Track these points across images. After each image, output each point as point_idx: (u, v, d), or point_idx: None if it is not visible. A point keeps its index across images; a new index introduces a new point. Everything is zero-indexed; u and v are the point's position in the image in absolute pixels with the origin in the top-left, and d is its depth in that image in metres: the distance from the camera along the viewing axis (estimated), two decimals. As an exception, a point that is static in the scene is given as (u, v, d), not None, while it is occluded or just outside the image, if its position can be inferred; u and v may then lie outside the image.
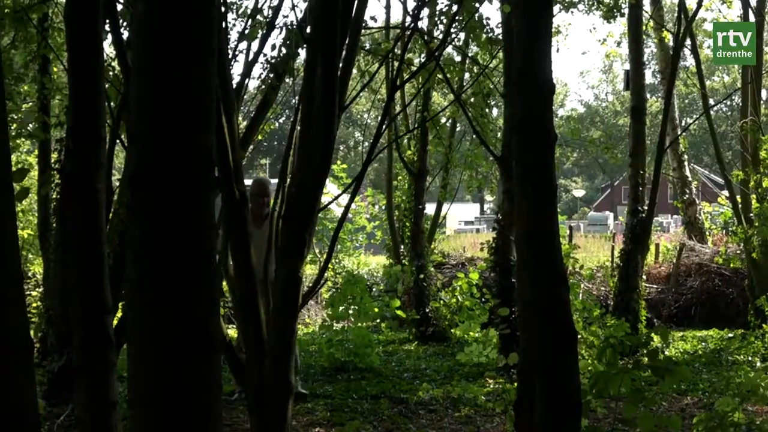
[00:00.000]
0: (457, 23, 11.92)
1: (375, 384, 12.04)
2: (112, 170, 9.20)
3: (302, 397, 10.80)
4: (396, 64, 13.29)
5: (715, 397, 10.65)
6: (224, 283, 8.20)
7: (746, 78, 18.90)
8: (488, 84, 14.57)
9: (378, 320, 16.39)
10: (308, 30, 7.22)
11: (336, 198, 10.71)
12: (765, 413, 10.02)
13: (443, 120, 19.21)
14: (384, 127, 8.81)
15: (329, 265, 10.23)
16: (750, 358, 14.03)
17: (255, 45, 9.71)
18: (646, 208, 15.80)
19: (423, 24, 15.25)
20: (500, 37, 12.51)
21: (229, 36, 9.26)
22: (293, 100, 9.44)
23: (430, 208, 20.09)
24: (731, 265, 19.40)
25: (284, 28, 9.01)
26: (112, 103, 8.87)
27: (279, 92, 10.00)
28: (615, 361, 6.98)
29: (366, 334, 13.63)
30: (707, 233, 25.05)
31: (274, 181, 8.25)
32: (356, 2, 6.83)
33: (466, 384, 11.62)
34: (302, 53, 8.58)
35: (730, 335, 16.74)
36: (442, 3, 13.44)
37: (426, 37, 12.55)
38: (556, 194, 5.39)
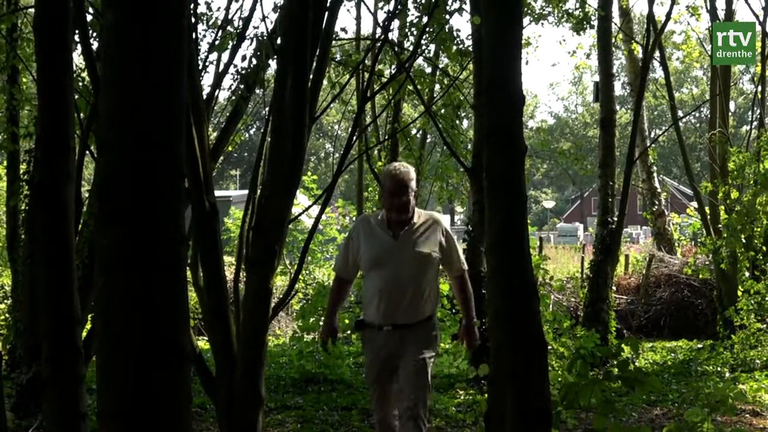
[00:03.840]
0: (427, 35, 11.96)
1: (346, 395, 12.01)
2: (81, 181, 9.17)
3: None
4: (366, 75, 13.30)
5: (684, 408, 10.69)
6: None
7: (715, 90, 19.04)
8: (458, 95, 14.60)
9: (349, 332, 16.36)
10: (279, 41, 7.22)
11: (307, 209, 10.73)
12: (734, 423, 10.06)
13: (414, 131, 19.23)
14: (354, 138, 8.79)
15: (300, 277, 10.21)
16: (719, 369, 14.10)
17: (225, 56, 9.69)
18: (615, 219, 15.86)
19: (393, 35, 15.30)
20: (470, 48, 12.55)
21: (199, 47, 9.24)
22: (264, 111, 9.44)
23: (401, 220, 20.03)
24: (700, 276, 19.53)
25: (255, 39, 8.99)
26: (81, 114, 8.83)
27: (249, 103, 9.97)
28: (585, 372, 7.00)
29: (337, 346, 13.60)
30: (676, 244, 25.23)
31: (244, 192, 8.24)
32: (327, 14, 6.84)
33: (436, 395, 11.61)
34: (273, 64, 8.57)
35: (699, 346, 16.83)
36: (413, 15, 13.52)
37: (396, 49, 12.56)
38: (526, 205, 5.40)
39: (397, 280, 6.67)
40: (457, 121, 15.43)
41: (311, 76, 6.58)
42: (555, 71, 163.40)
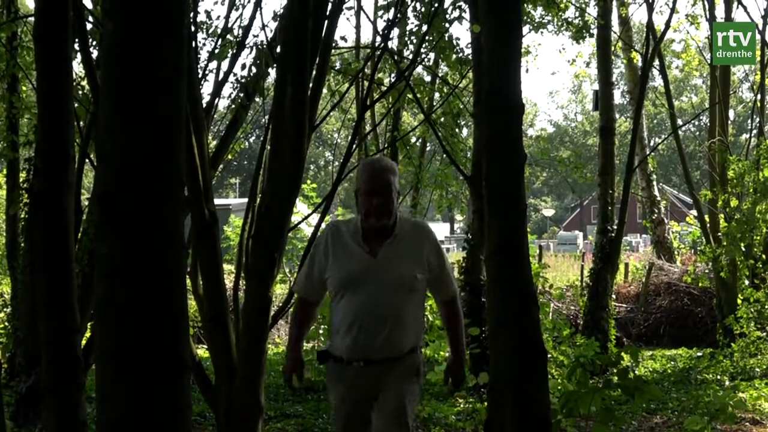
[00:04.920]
0: (427, 43, 11.95)
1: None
2: (81, 189, 9.17)
3: None
4: (366, 83, 13.31)
5: (684, 416, 10.69)
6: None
7: (714, 98, 19.04)
8: (458, 104, 14.60)
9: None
10: (278, 50, 7.22)
11: (306, 217, 10.71)
12: (733, 432, 10.06)
13: (413, 140, 19.23)
14: (354, 146, 8.80)
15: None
16: (719, 377, 14.08)
17: (225, 64, 9.70)
18: (615, 227, 15.85)
19: (393, 44, 15.30)
20: (470, 57, 12.55)
21: (199, 55, 9.24)
22: (263, 120, 9.44)
23: (400, 228, 20.03)
24: (700, 285, 19.49)
25: (255, 47, 9.00)
26: (81, 123, 8.84)
27: (249, 112, 9.98)
28: (585, 380, 7.00)
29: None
30: (676, 252, 25.21)
31: (244, 200, 8.19)
32: (326, 22, 6.85)
33: (436, 404, 11.59)
34: (272, 73, 8.58)
35: (699, 354, 16.80)
36: (412, 23, 13.50)
37: (396, 57, 12.57)
38: (526, 213, 5.40)
39: (374, 308, 5.31)
40: (457, 130, 15.42)
41: (311, 85, 6.59)
42: (554, 80, 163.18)
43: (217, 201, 7.43)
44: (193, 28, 8.39)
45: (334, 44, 8.01)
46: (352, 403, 5.50)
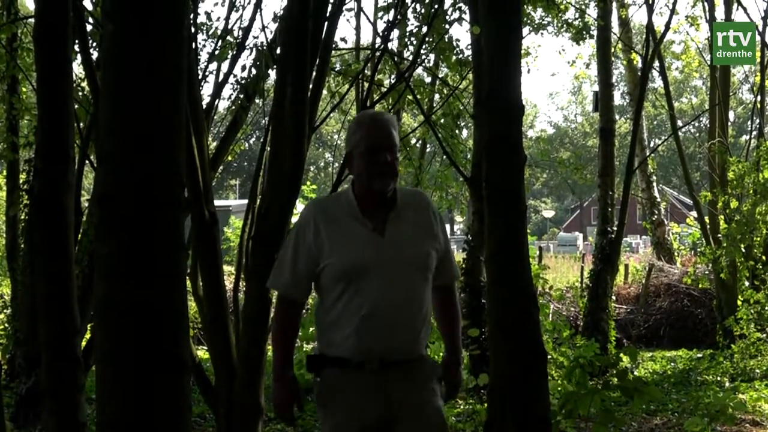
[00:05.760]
0: (427, 44, 11.95)
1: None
2: (81, 190, 9.17)
3: None
4: (366, 85, 13.31)
5: (684, 417, 10.68)
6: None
7: (714, 99, 19.04)
8: (458, 105, 14.59)
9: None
10: (278, 51, 7.22)
11: (306, 218, 10.68)
12: (733, 433, 10.06)
13: (413, 141, 19.22)
14: (354, 147, 8.79)
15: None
16: (719, 378, 14.08)
17: (225, 65, 9.71)
18: (615, 228, 15.85)
19: (393, 45, 15.29)
20: (470, 58, 12.55)
21: (199, 56, 9.24)
22: (263, 121, 9.44)
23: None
24: (700, 286, 19.50)
25: (255, 48, 9.00)
26: (81, 124, 8.84)
27: (249, 113, 9.98)
28: (585, 381, 7.01)
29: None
30: (676, 254, 25.21)
31: (244, 202, 8.18)
32: (326, 23, 6.85)
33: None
34: (272, 74, 8.58)
35: (699, 355, 16.80)
36: (412, 24, 13.50)
37: (396, 59, 12.57)
38: (526, 215, 5.41)
39: (390, 297, 4.24)
40: (457, 131, 15.42)
41: (311, 86, 6.59)
42: (554, 81, 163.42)
43: (217, 202, 7.44)
44: (193, 30, 8.39)
45: (334, 45, 8.02)
46: (367, 420, 4.27)
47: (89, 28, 8.10)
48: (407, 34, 13.91)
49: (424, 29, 11.21)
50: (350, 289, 4.26)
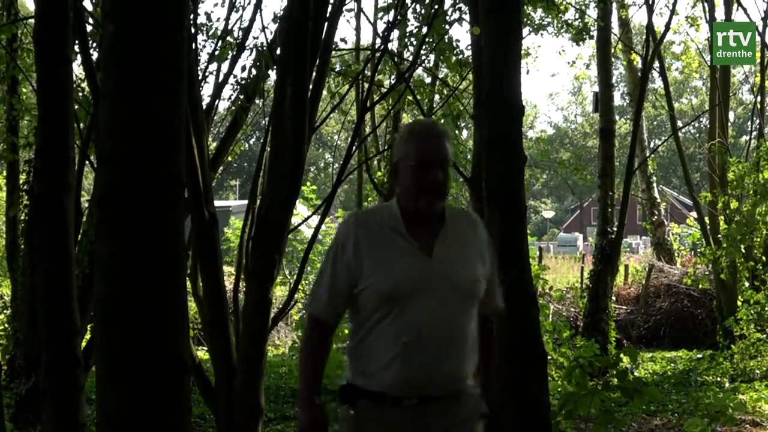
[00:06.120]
0: (426, 45, 11.95)
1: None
2: (81, 191, 9.17)
3: None
4: (366, 85, 13.30)
5: (684, 418, 10.69)
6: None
7: (714, 100, 19.04)
8: (458, 106, 14.58)
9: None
10: (278, 51, 7.22)
11: (306, 219, 10.72)
12: (733, 433, 10.06)
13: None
14: (354, 148, 8.80)
15: (299, 287, 10.22)
16: (719, 379, 14.08)
17: (225, 66, 9.70)
18: (615, 229, 15.85)
19: (393, 45, 15.29)
20: (470, 59, 12.55)
21: (199, 57, 9.24)
22: (263, 121, 9.44)
23: (400, 230, 20.07)
24: (700, 286, 19.50)
25: (255, 49, 9.00)
26: (81, 124, 8.84)
27: (249, 113, 9.97)
28: (585, 381, 7.00)
29: (336, 356, 13.56)
30: (676, 254, 25.20)
31: (244, 202, 8.17)
32: (326, 24, 6.85)
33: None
34: (272, 74, 8.58)
35: (699, 356, 16.81)
36: (412, 25, 13.50)
37: (396, 59, 12.57)
38: (526, 215, 5.41)
39: (434, 326, 3.81)
40: (457, 131, 15.42)
41: (311, 87, 6.59)
42: (554, 81, 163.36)
43: (217, 203, 7.43)
44: (193, 30, 8.38)
45: (334, 46, 8.01)
46: None
47: (89, 28, 8.10)
48: (407, 34, 13.91)
49: (424, 30, 11.21)
50: (391, 314, 3.82)
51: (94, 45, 8.41)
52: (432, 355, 3.79)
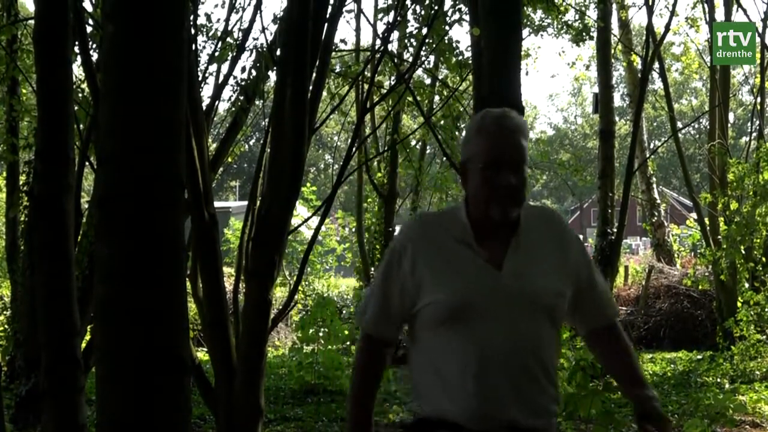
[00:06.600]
0: (426, 46, 11.95)
1: (345, 407, 11.99)
2: (81, 192, 9.16)
3: None
4: (366, 86, 13.31)
5: (684, 419, 10.67)
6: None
7: (714, 101, 19.03)
8: (458, 106, 14.60)
9: (348, 343, 16.36)
10: (278, 52, 7.22)
11: (306, 220, 10.72)
12: (733, 435, 10.06)
13: (413, 142, 19.24)
14: (354, 149, 8.80)
15: (299, 288, 10.22)
16: (719, 380, 14.07)
17: (225, 67, 9.70)
18: (615, 230, 15.87)
19: (393, 47, 15.31)
20: (470, 60, 12.55)
21: (199, 58, 9.24)
22: (263, 122, 9.44)
23: (400, 230, 20.13)
24: (700, 287, 19.46)
25: (254, 50, 9.01)
26: (81, 125, 8.84)
27: (249, 114, 9.98)
28: (585, 383, 7.01)
29: (336, 357, 13.60)
30: (676, 255, 25.18)
31: (244, 203, 8.16)
32: (326, 25, 6.85)
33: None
34: (272, 75, 8.58)
35: (699, 357, 16.80)
36: (412, 26, 13.51)
37: (396, 60, 12.57)
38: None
39: (507, 346, 3.27)
40: (457, 132, 15.43)
41: (311, 88, 6.59)
42: (554, 82, 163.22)
43: (216, 204, 7.43)
44: (193, 31, 8.39)
45: (334, 47, 8.01)
46: None
47: (89, 29, 8.10)
48: (407, 35, 13.93)
49: (424, 31, 11.22)
50: (456, 338, 3.28)
51: (94, 46, 8.41)
52: (505, 380, 3.24)
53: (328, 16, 6.88)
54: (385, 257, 3.51)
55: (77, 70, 9.57)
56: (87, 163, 8.44)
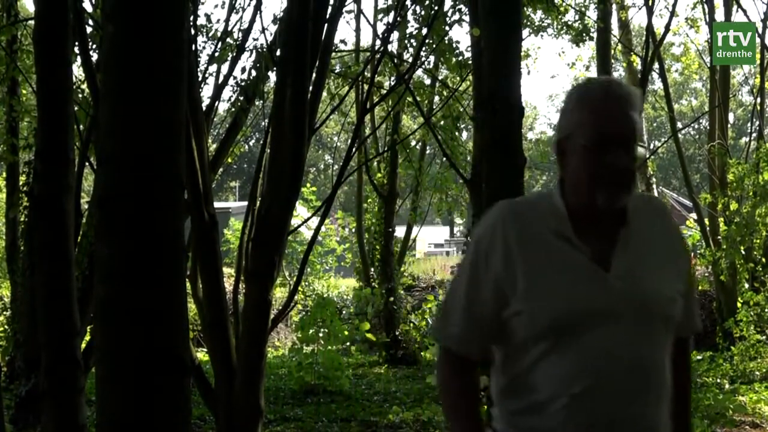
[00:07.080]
0: (426, 46, 11.96)
1: (345, 407, 12.00)
2: (80, 192, 9.16)
3: None
4: (366, 87, 13.31)
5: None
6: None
7: (714, 101, 19.03)
8: (458, 107, 14.60)
9: (348, 343, 16.38)
10: (278, 53, 7.22)
11: (306, 221, 10.73)
12: (733, 435, 10.05)
13: (413, 143, 19.23)
14: (354, 149, 8.80)
15: (299, 288, 10.19)
16: (718, 380, 14.07)
17: (225, 67, 9.71)
18: (615, 230, 15.83)
19: (393, 47, 15.30)
20: (470, 60, 12.55)
21: (199, 58, 9.24)
22: (263, 123, 9.44)
23: (400, 231, 20.15)
24: (699, 288, 19.47)
25: (254, 50, 9.01)
26: (81, 126, 8.83)
27: (249, 115, 9.98)
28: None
29: (336, 357, 13.61)
30: (676, 256, 25.17)
31: (243, 203, 8.16)
32: (326, 25, 6.85)
33: (436, 407, 11.58)
34: (272, 76, 8.58)
35: (699, 357, 16.78)
36: (412, 26, 13.50)
37: (396, 60, 12.58)
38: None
39: (619, 361, 2.71)
40: (457, 133, 15.43)
41: (311, 88, 6.58)
42: (554, 83, 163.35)
43: (216, 204, 7.43)
44: (193, 32, 8.38)
45: (334, 47, 8.02)
46: None
47: (89, 29, 8.10)
48: (407, 36, 13.92)
49: (424, 31, 11.22)
50: (557, 350, 2.73)
51: (94, 46, 8.41)
52: (617, 404, 2.70)
53: (328, 16, 6.87)
54: (468, 256, 2.94)
55: (77, 71, 9.57)
56: (87, 163, 8.44)
